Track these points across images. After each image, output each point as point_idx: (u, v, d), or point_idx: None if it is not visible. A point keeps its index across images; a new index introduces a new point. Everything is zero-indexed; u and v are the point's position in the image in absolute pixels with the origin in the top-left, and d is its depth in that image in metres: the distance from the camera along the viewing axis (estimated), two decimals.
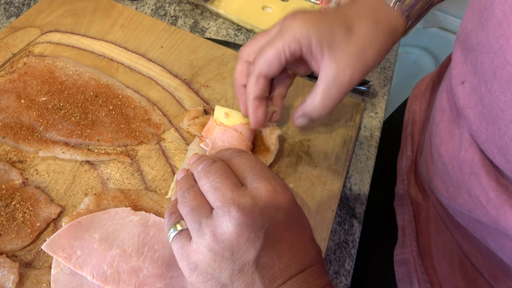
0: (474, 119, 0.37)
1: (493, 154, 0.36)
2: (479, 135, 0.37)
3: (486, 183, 0.37)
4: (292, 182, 0.48)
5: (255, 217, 0.29)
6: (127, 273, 0.37)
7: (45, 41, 0.55)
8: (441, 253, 0.49)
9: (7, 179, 0.42)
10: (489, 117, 0.35)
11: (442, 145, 0.45)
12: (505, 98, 0.32)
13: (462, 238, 0.46)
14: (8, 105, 0.46)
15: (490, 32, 0.34)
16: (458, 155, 0.41)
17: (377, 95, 0.66)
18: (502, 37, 0.32)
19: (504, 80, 0.32)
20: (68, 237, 0.38)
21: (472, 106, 0.38)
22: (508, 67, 0.32)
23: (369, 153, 0.60)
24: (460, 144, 0.41)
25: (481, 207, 0.38)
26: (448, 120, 0.45)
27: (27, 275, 0.37)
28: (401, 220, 0.56)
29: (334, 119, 0.54)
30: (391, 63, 0.72)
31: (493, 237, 0.40)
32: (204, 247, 0.29)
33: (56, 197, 0.43)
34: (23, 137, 0.44)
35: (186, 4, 0.71)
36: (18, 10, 0.63)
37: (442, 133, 0.45)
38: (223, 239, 0.29)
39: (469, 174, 0.39)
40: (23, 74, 0.50)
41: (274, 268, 0.29)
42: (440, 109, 0.47)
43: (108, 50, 0.56)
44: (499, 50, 0.33)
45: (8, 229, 0.39)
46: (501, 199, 0.36)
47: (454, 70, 0.42)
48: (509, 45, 0.32)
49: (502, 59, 0.32)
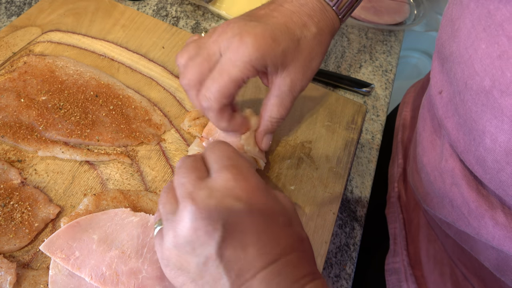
0: (452, 129, 0.37)
1: (471, 164, 0.35)
2: (458, 146, 0.37)
3: (467, 194, 0.37)
4: (293, 184, 0.48)
5: (210, 210, 0.28)
6: (126, 274, 0.37)
7: (45, 40, 0.55)
8: (433, 262, 0.48)
9: (5, 179, 0.41)
10: (465, 128, 0.35)
11: (424, 155, 0.44)
12: (476, 109, 0.32)
13: (451, 247, 0.45)
14: (7, 104, 0.46)
15: (461, 42, 0.34)
16: (439, 165, 0.41)
17: (378, 98, 0.66)
18: (471, 47, 0.32)
19: (474, 90, 0.32)
20: (66, 238, 0.38)
21: (449, 116, 0.38)
22: (476, 78, 0.32)
23: (371, 156, 0.59)
24: (441, 154, 0.41)
25: (463, 218, 0.38)
26: (430, 130, 0.44)
27: (25, 276, 0.37)
28: (392, 229, 0.55)
29: (335, 122, 0.54)
30: (392, 66, 0.72)
31: (478, 248, 0.39)
32: (169, 243, 0.29)
33: (55, 197, 0.42)
34: (22, 136, 0.44)
35: (188, 5, 0.71)
36: (19, 9, 0.63)
37: (424, 142, 0.45)
38: (182, 234, 0.28)
39: (451, 185, 0.39)
40: (23, 73, 0.49)
41: (240, 261, 0.27)
42: (422, 118, 0.47)
43: (109, 50, 0.56)
44: (469, 61, 0.33)
45: (6, 229, 0.38)
46: (481, 210, 0.35)
47: (433, 79, 0.42)
48: (477, 55, 0.32)
49: (471, 70, 0.32)
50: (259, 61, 0.37)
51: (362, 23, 0.76)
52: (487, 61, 0.31)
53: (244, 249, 0.27)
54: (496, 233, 0.34)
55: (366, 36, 0.76)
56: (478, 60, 0.32)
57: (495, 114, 0.31)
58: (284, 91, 0.40)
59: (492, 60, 0.30)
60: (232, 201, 0.28)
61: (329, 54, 0.70)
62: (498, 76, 0.30)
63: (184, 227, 0.28)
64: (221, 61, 0.37)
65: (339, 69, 0.68)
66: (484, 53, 0.31)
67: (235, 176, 0.30)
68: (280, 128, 0.52)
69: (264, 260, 0.27)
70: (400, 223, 0.54)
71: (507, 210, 0.34)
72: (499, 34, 0.30)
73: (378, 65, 0.71)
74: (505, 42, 0.29)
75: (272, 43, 0.37)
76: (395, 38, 0.77)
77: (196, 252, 0.28)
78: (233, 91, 0.38)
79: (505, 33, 0.29)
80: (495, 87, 0.30)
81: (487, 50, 0.31)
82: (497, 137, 0.31)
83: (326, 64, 0.69)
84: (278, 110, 0.41)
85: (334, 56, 0.70)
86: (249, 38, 0.36)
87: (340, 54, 0.71)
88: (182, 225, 0.28)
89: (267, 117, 0.41)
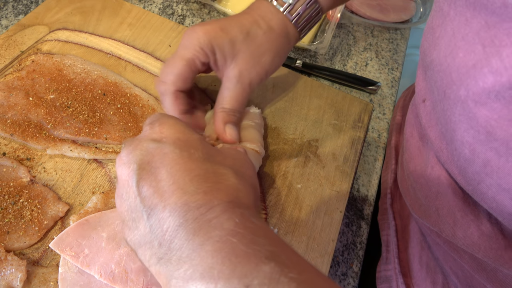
0: (435, 139, 0.37)
1: (455, 174, 0.35)
2: (441, 155, 0.36)
3: (452, 203, 0.36)
4: (300, 183, 0.48)
5: (128, 155, 0.29)
6: (135, 272, 0.37)
7: (53, 39, 0.55)
8: (425, 270, 0.47)
9: (15, 177, 0.42)
10: (447, 137, 0.34)
11: (411, 161, 0.44)
12: (454, 119, 0.32)
13: (443, 256, 0.45)
14: (16, 102, 0.46)
15: (441, 50, 0.34)
16: (425, 172, 0.40)
17: (385, 96, 0.66)
18: (450, 55, 0.32)
19: (451, 100, 0.32)
20: (75, 236, 0.38)
21: (432, 125, 0.37)
22: (453, 87, 0.31)
23: (377, 154, 0.59)
24: (427, 161, 0.40)
25: (449, 228, 0.37)
26: (416, 137, 0.44)
27: (35, 273, 0.37)
28: (384, 236, 0.54)
29: (342, 120, 0.54)
30: (398, 64, 0.71)
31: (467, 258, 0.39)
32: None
33: (64, 195, 0.43)
34: (31, 135, 0.44)
35: (194, 3, 0.71)
36: (26, 8, 0.63)
37: (411, 148, 0.44)
38: (118, 181, 0.30)
39: (436, 193, 0.39)
40: (31, 72, 0.49)
41: (154, 195, 0.27)
42: (409, 124, 0.47)
43: (116, 48, 0.56)
44: (447, 69, 0.32)
45: (16, 227, 0.39)
46: (467, 220, 0.35)
47: (417, 87, 0.41)
48: (455, 64, 0.31)
49: (449, 78, 0.32)
50: (207, 45, 0.40)
51: (368, 21, 0.76)
52: (463, 70, 0.30)
53: (157, 183, 0.27)
54: (481, 244, 0.34)
55: (372, 34, 0.75)
56: (455, 69, 0.31)
57: (471, 124, 0.30)
58: (233, 82, 0.41)
59: (468, 69, 0.30)
60: (146, 143, 0.29)
61: (335, 52, 0.70)
62: (472, 85, 0.29)
63: (118, 181, 0.30)
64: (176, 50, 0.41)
65: (345, 67, 0.68)
66: (461, 61, 0.30)
67: (155, 125, 0.31)
68: (286, 126, 0.52)
69: (173, 191, 0.27)
70: (392, 230, 0.53)
71: (494, 220, 0.33)
72: (475, 43, 0.29)
73: (384, 63, 0.71)
74: (480, 51, 0.29)
75: (220, 31, 0.40)
76: (401, 36, 0.76)
77: (125, 196, 0.29)
78: (187, 74, 0.40)
79: (481, 41, 0.29)
80: (469, 96, 0.30)
81: (464, 58, 0.30)
82: (475, 147, 0.30)
83: (332, 62, 0.68)
84: (229, 101, 0.42)
85: (340, 54, 0.70)
86: (199, 27, 0.41)
87: (346, 52, 0.71)
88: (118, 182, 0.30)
89: (219, 108, 0.42)
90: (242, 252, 0.24)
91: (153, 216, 0.27)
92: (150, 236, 0.27)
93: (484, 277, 0.37)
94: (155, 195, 0.27)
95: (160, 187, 0.27)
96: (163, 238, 0.26)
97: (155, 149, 0.29)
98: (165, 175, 0.27)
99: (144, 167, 0.28)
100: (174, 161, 0.28)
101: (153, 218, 0.27)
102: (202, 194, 0.27)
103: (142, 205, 0.27)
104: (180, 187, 0.27)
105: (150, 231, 0.27)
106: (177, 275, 0.25)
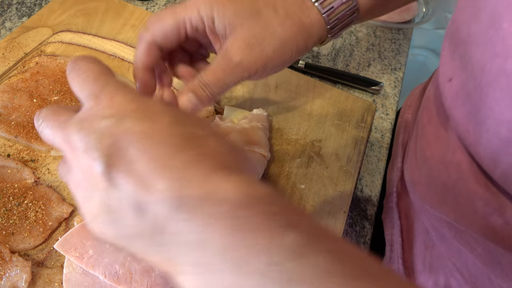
0: (461, 120, 0.35)
1: (481, 157, 0.33)
2: (467, 137, 0.34)
3: (473, 190, 0.35)
4: (303, 183, 0.48)
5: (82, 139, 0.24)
6: (139, 273, 0.37)
7: (57, 41, 0.55)
8: (428, 271, 0.47)
9: (19, 178, 0.42)
10: (477, 117, 0.33)
11: (428, 148, 0.42)
12: (494, 95, 0.30)
13: (447, 252, 0.44)
14: (20, 104, 0.46)
15: (482, 22, 0.32)
16: (445, 158, 0.39)
17: (388, 97, 0.66)
18: (492, 28, 0.30)
19: (492, 74, 0.30)
20: (80, 237, 0.38)
21: (459, 106, 0.35)
22: (497, 60, 0.30)
23: (380, 154, 0.59)
24: (448, 146, 0.39)
25: (467, 216, 0.36)
26: (435, 122, 0.42)
27: (39, 274, 0.37)
28: (389, 235, 0.54)
29: (345, 120, 0.54)
30: (401, 64, 0.71)
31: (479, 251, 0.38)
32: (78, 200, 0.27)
33: (68, 196, 0.43)
34: (36, 136, 0.44)
35: None
36: (30, 10, 0.63)
37: (428, 135, 0.43)
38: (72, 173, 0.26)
39: (456, 180, 0.37)
40: (35, 74, 0.50)
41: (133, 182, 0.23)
42: (427, 111, 0.45)
43: (119, 50, 0.56)
44: (489, 42, 0.31)
45: (20, 228, 0.39)
46: (489, 208, 0.34)
47: (442, 68, 0.39)
48: (498, 36, 0.29)
49: (491, 52, 0.30)
50: (207, 10, 0.36)
51: (371, 21, 0.76)
52: (509, 42, 0.28)
53: (132, 167, 0.23)
54: (505, 233, 0.33)
55: (374, 35, 0.75)
56: (499, 40, 0.29)
57: None
58: (221, 54, 0.37)
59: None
60: (100, 122, 0.24)
61: (337, 53, 0.70)
62: None
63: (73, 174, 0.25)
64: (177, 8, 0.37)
65: (348, 68, 0.68)
66: (506, 32, 0.29)
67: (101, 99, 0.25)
68: (289, 127, 0.52)
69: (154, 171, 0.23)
70: (397, 229, 0.52)
71: None
72: None
73: (387, 63, 0.71)
74: None
75: (226, 1, 0.37)
76: (404, 36, 0.76)
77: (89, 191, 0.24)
78: (171, 32, 0.36)
79: None
80: None
81: (509, 29, 0.28)
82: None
83: (335, 62, 0.69)
84: (207, 73, 0.37)
85: (343, 54, 0.70)
86: None
87: (349, 52, 0.71)
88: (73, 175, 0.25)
89: (198, 76, 0.37)
90: (256, 226, 0.21)
91: (140, 205, 0.22)
92: (140, 226, 0.23)
93: (498, 271, 0.36)
94: (135, 181, 0.22)
95: (138, 170, 0.22)
96: (157, 225, 0.22)
97: (113, 127, 0.23)
98: (138, 155, 0.23)
99: (110, 152, 0.23)
100: (142, 134, 0.23)
101: (139, 207, 0.22)
102: (189, 166, 0.23)
103: (121, 196, 0.22)
104: (161, 164, 0.22)
105: (139, 222, 0.23)
106: (183, 262, 0.22)
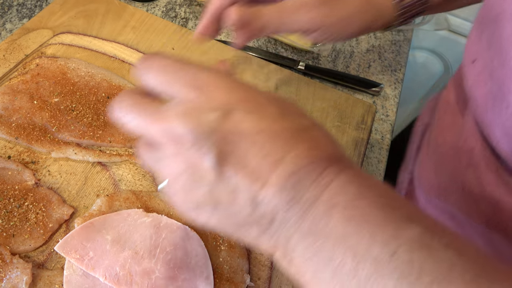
0: (481, 99, 0.36)
1: (496, 139, 0.33)
2: (484, 118, 0.35)
3: (484, 176, 0.35)
4: None
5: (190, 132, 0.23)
6: (139, 275, 0.37)
7: (57, 43, 0.55)
8: None
9: (20, 180, 0.42)
10: (498, 94, 0.33)
11: (441, 134, 0.43)
12: None
13: None
14: (21, 106, 0.46)
15: None
16: (457, 144, 0.40)
17: (388, 98, 0.66)
18: None
19: None
20: (80, 238, 0.38)
21: (480, 86, 0.36)
22: None
23: (380, 156, 0.59)
24: (461, 133, 0.40)
25: (473, 204, 0.36)
26: (452, 110, 0.43)
27: (40, 276, 0.37)
28: None
29: (345, 122, 0.54)
30: (401, 66, 0.71)
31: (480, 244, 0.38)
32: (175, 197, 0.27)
33: (68, 198, 0.43)
34: (36, 138, 0.45)
35: (197, 6, 0.71)
36: (30, 12, 0.63)
37: (443, 124, 0.44)
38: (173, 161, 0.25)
39: (466, 166, 0.38)
40: (35, 75, 0.50)
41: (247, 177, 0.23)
42: (445, 101, 0.46)
43: (120, 51, 0.56)
44: None
45: (21, 230, 0.39)
46: (497, 195, 0.34)
47: (466, 52, 0.41)
48: None
49: None
50: None
51: None
52: None
53: (246, 162, 0.23)
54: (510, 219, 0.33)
55: (374, 36, 0.75)
56: None
57: None
58: None
59: None
60: (208, 115, 0.23)
61: (337, 54, 0.70)
62: None
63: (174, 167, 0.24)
64: None
65: (348, 69, 0.68)
66: None
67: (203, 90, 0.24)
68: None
69: (269, 166, 0.23)
70: None
71: None
72: None
73: (387, 64, 0.71)
74: None
75: None
76: (404, 38, 0.76)
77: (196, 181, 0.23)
78: None
79: None
80: None
81: None
82: None
83: (335, 64, 0.69)
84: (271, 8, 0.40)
85: (343, 56, 0.70)
86: None
87: (349, 54, 0.71)
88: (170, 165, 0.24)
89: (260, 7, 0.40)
90: (377, 217, 0.21)
91: (254, 199, 0.23)
92: (255, 216, 0.23)
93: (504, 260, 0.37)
94: (249, 176, 0.22)
95: (251, 164, 0.22)
96: (273, 216, 0.23)
97: (222, 120, 0.23)
98: (251, 150, 0.23)
99: (220, 146, 0.22)
100: (253, 128, 0.23)
101: (254, 201, 0.23)
102: (303, 159, 0.23)
103: (233, 189, 0.23)
104: (275, 159, 0.22)
105: (254, 212, 0.23)
106: (300, 250, 0.22)
